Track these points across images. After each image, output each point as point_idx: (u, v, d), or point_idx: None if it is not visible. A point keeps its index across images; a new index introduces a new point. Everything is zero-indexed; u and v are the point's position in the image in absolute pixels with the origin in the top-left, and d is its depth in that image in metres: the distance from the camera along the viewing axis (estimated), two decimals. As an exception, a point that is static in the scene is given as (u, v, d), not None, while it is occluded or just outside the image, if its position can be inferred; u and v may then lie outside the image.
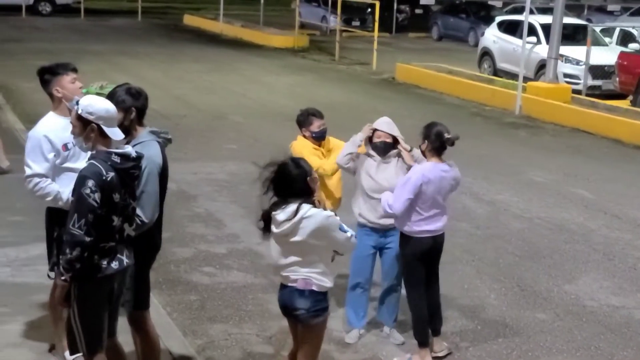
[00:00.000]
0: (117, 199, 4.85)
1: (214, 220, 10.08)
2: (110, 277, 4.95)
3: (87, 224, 4.71)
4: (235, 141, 14.17)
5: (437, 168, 6.49)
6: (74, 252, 4.72)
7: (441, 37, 34.51)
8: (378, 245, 6.94)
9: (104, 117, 4.86)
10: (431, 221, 6.53)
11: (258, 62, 25.00)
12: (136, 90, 5.47)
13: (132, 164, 4.94)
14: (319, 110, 7.28)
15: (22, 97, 17.04)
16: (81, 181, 4.75)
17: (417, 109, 18.28)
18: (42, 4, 37.16)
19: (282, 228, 5.26)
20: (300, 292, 5.31)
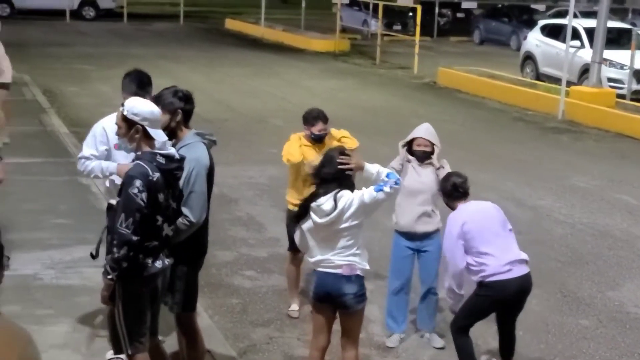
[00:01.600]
0: (161, 199, 4.91)
1: (255, 223, 10.12)
2: (154, 276, 5.01)
3: (134, 224, 4.78)
4: (276, 145, 14.08)
5: (466, 206, 6.24)
6: (121, 251, 4.79)
7: (483, 41, 34.32)
8: (415, 248, 6.94)
9: (149, 118, 4.93)
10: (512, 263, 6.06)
11: (299, 66, 25.06)
12: (183, 92, 5.54)
13: (175, 165, 5.00)
14: (325, 115, 7.27)
15: (66, 101, 17.26)
16: (129, 181, 4.82)
17: (459, 114, 18.21)
18: (86, 9, 37.60)
19: (327, 218, 5.39)
20: (347, 278, 5.45)
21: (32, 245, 8.44)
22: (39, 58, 23.79)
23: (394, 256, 6.85)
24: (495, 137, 15.84)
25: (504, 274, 6.02)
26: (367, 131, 15.36)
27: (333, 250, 5.51)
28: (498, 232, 6.14)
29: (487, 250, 6.03)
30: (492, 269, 6.01)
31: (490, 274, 6.01)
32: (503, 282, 6.02)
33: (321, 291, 5.56)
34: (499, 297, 6.09)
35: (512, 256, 6.10)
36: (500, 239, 6.12)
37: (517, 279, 6.07)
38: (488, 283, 6.03)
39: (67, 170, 11.50)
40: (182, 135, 5.47)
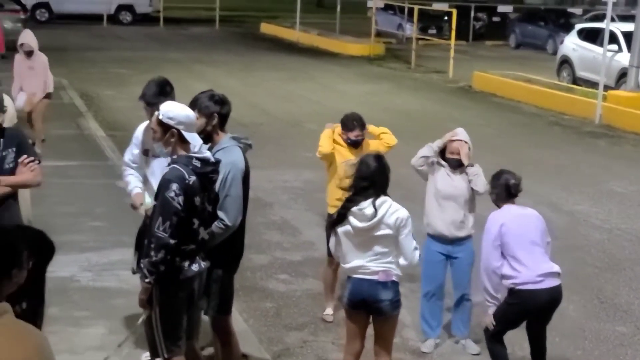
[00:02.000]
0: (197, 203, 4.94)
1: (289, 227, 10.14)
2: (191, 280, 5.03)
3: (171, 227, 4.81)
4: (311, 149, 14.05)
5: (510, 209, 6.16)
6: (159, 255, 4.82)
7: (519, 45, 34.10)
8: (447, 253, 6.91)
9: (184, 122, 4.96)
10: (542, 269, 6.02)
11: (334, 70, 25.07)
12: (219, 97, 5.57)
13: (211, 168, 5.03)
14: (363, 122, 7.25)
15: (103, 105, 17.41)
16: (165, 185, 4.85)
17: (494, 118, 18.11)
18: (122, 13, 37.91)
19: (368, 223, 5.40)
20: (383, 284, 5.46)
21: (70, 248, 8.51)
22: (76, 62, 24.02)
23: (425, 261, 6.83)
24: (531, 142, 15.73)
25: (535, 284, 5.98)
26: (402, 135, 15.27)
27: (369, 257, 5.51)
28: (535, 242, 6.08)
29: (521, 257, 5.99)
30: (524, 277, 5.96)
31: (521, 282, 5.97)
32: (533, 292, 5.98)
33: (357, 298, 5.55)
34: (528, 307, 6.05)
35: (546, 268, 6.05)
36: (537, 249, 6.07)
37: (548, 290, 6.02)
38: (518, 291, 6.00)
39: (103, 173, 11.61)
40: (218, 139, 5.49)
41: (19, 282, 3.12)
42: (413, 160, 6.95)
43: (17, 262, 3.09)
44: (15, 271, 3.09)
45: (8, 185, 5.79)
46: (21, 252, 3.11)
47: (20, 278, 3.12)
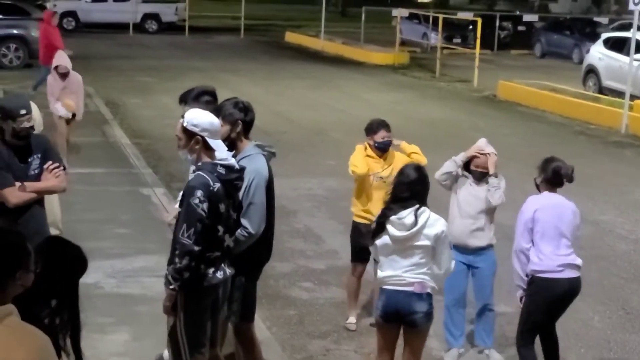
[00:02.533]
0: (222, 210, 4.94)
1: (313, 235, 10.14)
2: (216, 287, 5.04)
3: (195, 234, 4.82)
4: (335, 157, 14.19)
5: (549, 196, 6.22)
6: (183, 261, 4.83)
7: (544, 54, 33.96)
8: (468, 263, 6.88)
9: (209, 129, 4.97)
10: (563, 260, 6.09)
11: (358, 79, 25.08)
12: (244, 104, 5.58)
13: (236, 176, 5.04)
14: (387, 123, 7.30)
15: (128, 113, 17.51)
16: (190, 192, 4.86)
17: (519, 127, 18.03)
18: (148, 22, 38.18)
19: (407, 232, 5.40)
20: (418, 296, 5.43)
21: (94, 255, 8.47)
22: (102, 70, 24.18)
23: None
24: (556, 151, 15.53)
25: (555, 274, 6.08)
26: (426, 144, 15.24)
27: (405, 267, 5.50)
28: (564, 233, 6.15)
29: (546, 246, 6.08)
30: (545, 265, 6.06)
31: (541, 270, 6.07)
32: (552, 281, 6.07)
33: (391, 309, 5.52)
34: (547, 296, 6.11)
35: (568, 259, 6.13)
36: (564, 240, 6.15)
37: (567, 280, 6.12)
38: (537, 279, 6.08)
39: (128, 180, 11.67)
40: (242, 146, 5.50)
41: (25, 285, 3.16)
42: (437, 175, 6.92)
43: (22, 264, 3.12)
44: (20, 273, 3.12)
45: (33, 191, 5.84)
46: (26, 254, 3.14)
47: (26, 281, 3.15)
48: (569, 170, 6.26)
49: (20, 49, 23.57)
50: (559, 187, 6.28)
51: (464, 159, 6.84)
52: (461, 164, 6.84)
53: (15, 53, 23.57)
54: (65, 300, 3.51)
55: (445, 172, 6.88)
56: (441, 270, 5.58)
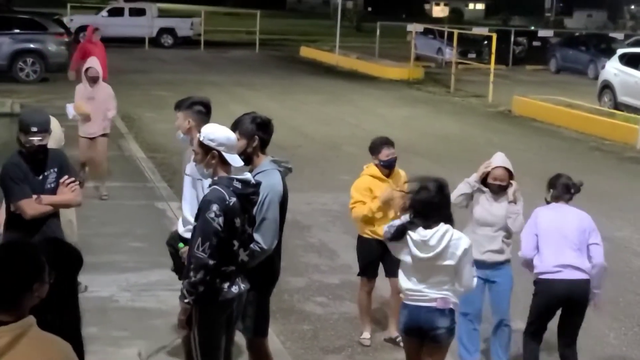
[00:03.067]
0: (238, 224, 4.95)
1: (327, 250, 10.14)
2: (230, 301, 5.04)
3: (211, 247, 4.82)
4: (349, 172, 14.15)
5: (557, 206, 6.49)
6: (197, 275, 4.83)
7: (559, 69, 33.92)
8: (485, 277, 6.86)
9: (225, 144, 4.99)
10: (564, 261, 6.32)
11: (373, 94, 25.11)
12: (261, 119, 5.60)
13: (252, 190, 5.05)
14: (390, 140, 7.33)
15: (144, 127, 17.59)
16: (206, 206, 4.87)
17: (534, 142, 18.00)
18: (164, 37, 38.40)
19: (432, 253, 5.40)
20: (441, 311, 5.44)
21: (109, 268, 8.59)
22: (118, 84, 24.12)
23: None
24: (571, 167, 15.56)
25: (552, 274, 6.29)
26: (441, 159, 15.30)
27: (427, 284, 5.49)
28: (566, 236, 6.35)
29: (546, 248, 6.33)
30: (543, 267, 6.32)
31: (540, 272, 6.34)
32: (550, 282, 6.30)
33: (413, 325, 5.53)
34: (546, 297, 6.37)
35: (567, 260, 6.30)
36: (565, 243, 6.34)
37: (566, 281, 6.28)
38: (538, 281, 6.39)
39: (144, 194, 11.71)
40: (258, 161, 5.51)
41: (41, 296, 3.19)
42: (452, 198, 6.90)
43: (39, 276, 3.15)
44: (36, 285, 3.15)
45: (48, 204, 5.92)
46: (43, 266, 3.17)
47: (42, 292, 3.18)
48: (578, 183, 6.52)
49: (37, 63, 23.74)
50: (570, 198, 6.48)
51: (477, 179, 6.82)
52: (474, 184, 6.82)
53: (32, 67, 23.74)
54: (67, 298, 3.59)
55: (460, 194, 6.83)
56: (462, 288, 5.58)
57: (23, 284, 3.11)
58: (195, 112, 6.09)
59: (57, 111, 12.11)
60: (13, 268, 3.11)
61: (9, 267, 3.11)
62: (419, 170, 7.77)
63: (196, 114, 6.07)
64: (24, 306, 3.12)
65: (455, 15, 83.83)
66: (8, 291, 3.09)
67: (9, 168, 5.93)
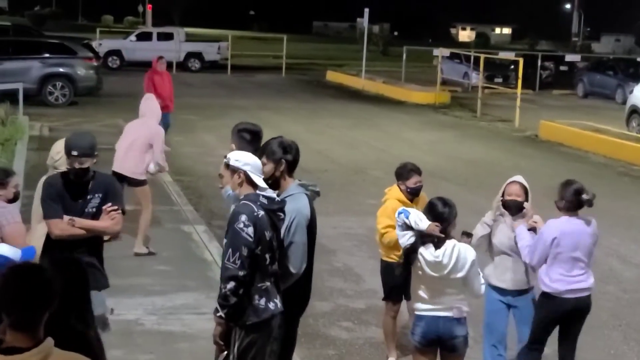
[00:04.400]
0: (268, 237, 4.98)
1: (352, 275, 10.11)
2: (269, 320, 5.03)
3: (240, 258, 4.83)
4: (376, 196, 14.09)
5: (570, 222, 6.41)
6: (228, 286, 4.83)
7: (587, 94, 33.78)
8: (507, 303, 6.81)
9: (250, 164, 5.10)
10: (573, 281, 6.40)
11: (399, 118, 25.10)
12: (288, 143, 5.62)
13: (277, 207, 5.10)
14: (418, 167, 7.32)
15: (171, 150, 17.66)
16: (234, 217, 4.92)
17: (561, 167, 17.89)
18: (191, 61, 38.70)
19: (445, 271, 5.57)
20: (458, 320, 5.63)
21: (135, 291, 8.61)
22: (145, 108, 24.45)
23: (486, 310, 6.83)
24: (599, 192, 15.37)
25: (563, 294, 6.35)
26: (467, 184, 15.24)
27: (442, 296, 5.65)
28: (579, 258, 6.41)
29: (558, 268, 6.35)
30: (553, 288, 6.36)
31: (551, 291, 6.38)
32: (558, 300, 6.36)
33: (431, 335, 5.67)
34: (557, 311, 6.40)
35: (578, 280, 6.40)
36: (578, 264, 6.41)
37: (573, 299, 6.38)
38: (549, 294, 6.39)
39: (170, 217, 11.75)
40: (285, 185, 5.52)
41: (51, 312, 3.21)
42: (473, 242, 6.89)
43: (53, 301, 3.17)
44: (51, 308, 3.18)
45: (82, 227, 5.79)
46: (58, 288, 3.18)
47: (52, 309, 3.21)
48: (590, 194, 6.45)
49: (66, 87, 23.97)
50: (579, 209, 6.46)
51: (492, 217, 6.76)
52: (491, 223, 6.75)
53: (61, 91, 23.97)
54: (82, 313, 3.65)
55: (479, 237, 6.75)
56: (472, 295, 5.79)
57: (41, 308, 3.11)
58: (238, 137, 6.09)
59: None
60: (32, 292, 3.10)
61: (27, 291, 3.10)
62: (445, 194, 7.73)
63: (239, 139, 6.06)
64: (41, 329, 3.13)
65: (481, 39, 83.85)
66: (26, 315, 3.09)
67: (45, 186, 5.97)
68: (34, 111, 21.22)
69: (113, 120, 21.27)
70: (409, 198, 7.16)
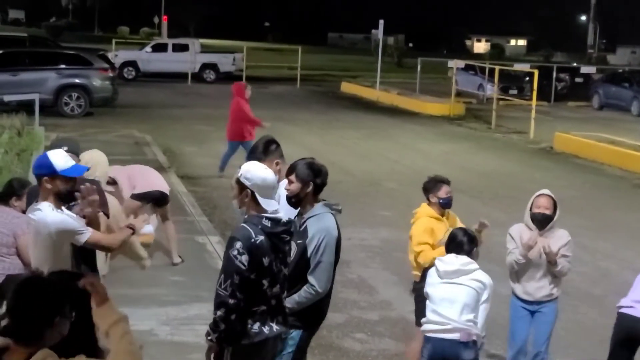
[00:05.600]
0: (266, 263, 4.86)
1: (366, 286, 10.09)
2: (262, 343, 4.94)
3: (232, 286, 4.76)
4: (390, 208, 14.19)
5: None
6: (218, 312, 4.81)
7: (602, 106, 33.67)
8: (531, 309, 6.81)
9: (259, 185, 4.92)
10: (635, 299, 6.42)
11: (413, 130, 25.08)
12: (318, 166, 5.60)
13: (282, 229, 4.96)
14: (447, 178, 7.20)
15: (185, 161, 17.72)
16: (230, 243, 4.86)
17: (576, 180, 17.83)
18: (206, 72, 38.83)
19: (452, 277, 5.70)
20: (465, 344, 5.56)
21: (149, 301, 8.62)
22: (160, 119, 24.58)
23: (511, 317, 6.88)
24: (615, 205, 15.41)
25: (628, 309, 6.37)
26: (482, 196, 15.19)
27: (449, 312, 5.64)
28: None
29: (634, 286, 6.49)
30: (624, 301, 6.45)
31: (621, 305, 6.46)
32: (623, 315, 6.39)
33: (438, 357, 5.67)
34: (622, 330, 6.39)
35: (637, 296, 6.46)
36: None
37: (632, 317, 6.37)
38: (618, 314, 6.47)
39: (184, 228, 11.75)
40: (309, 206, 5.51)
41: (62, 333, 3.18)
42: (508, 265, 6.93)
43: (60, 311, 3.15)
44: (57, 319, 3.16)
45: None
46: (64, 301, 3.16)
47: (64, 329, 3.18)
48: None
49: (81, 97, 24.07)
50: None
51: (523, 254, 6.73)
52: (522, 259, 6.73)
53: (77, 102, 24.08)
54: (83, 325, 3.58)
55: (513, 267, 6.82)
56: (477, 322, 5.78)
57: (45, 319, 3.11)
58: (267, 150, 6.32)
59: (101, 145, 12.27)
60: (35, 302, 3.10)
61: (31, 300, 3.10)
62: (460, 206, 7.72)
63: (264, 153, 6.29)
64: (45, 341, 3.11)
65: (496, 51, 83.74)
66: (29, 325, 3.08)
67: None
68: (50, 122, 21.32)
69: (128, 130, 21.38)
70: (440, 212, 6.99)
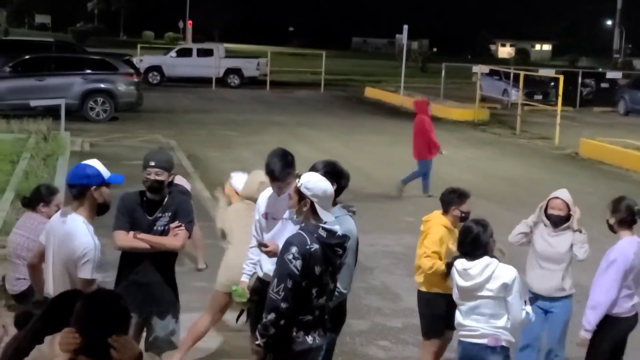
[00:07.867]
0: (317, 272, 4.89)
1: (390, 293, 10.07)
2: (305, 352, 4.95)
3: (285, 290, 4.80)
4: (413, 214, 14.12)
5: (634, 241, 6.36)
6: (269, 317, 4.82)
7: (628, 111, 33.43)
8: (544, 308, 6.82)
9: (319, 196, 4.98)
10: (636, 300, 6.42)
11: (437, 135, 24.92)
12: (339, 169, 5.65)
13: (337, 241, 4.99)
14: (469, 191, 7.11)
15: (209, 166, 17.78)
16: (285, 247, 4.89)
17: (602, 185, 17.71)
18: (231, 77, 38.94)
19: (472, 282, 5.59)
20: (492, 349, 5.54)
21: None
22: (185, 124, 24.68)
23: None
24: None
25: (627, 312, 6.31)
26: (506, 202, 15.13)
27: (475, 316, 5.63)
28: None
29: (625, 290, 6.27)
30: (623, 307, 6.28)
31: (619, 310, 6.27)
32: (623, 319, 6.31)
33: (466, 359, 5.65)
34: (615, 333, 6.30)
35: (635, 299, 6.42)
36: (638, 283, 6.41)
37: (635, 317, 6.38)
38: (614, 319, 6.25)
39: (208, 233, 11.77)
40: (329, 209, 5.53)
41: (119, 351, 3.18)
42: (510, 237, 6.96)
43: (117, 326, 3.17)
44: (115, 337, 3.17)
45: (144, 240, 6.02)
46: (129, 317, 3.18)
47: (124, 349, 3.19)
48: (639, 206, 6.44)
49: (107, 102, 24.23)
50: (634, 224, 6.40)
51: (534, 219, 6.83)
52: (532, 224, 6.83)
53: (102, 107, 24.24)
54: None
55: (518, 233, 6.88)
56: (510, 320, 5.65)
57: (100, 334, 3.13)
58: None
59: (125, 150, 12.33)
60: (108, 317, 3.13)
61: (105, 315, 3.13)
62: (483, 212, 7.69)
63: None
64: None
65: (521, 56, 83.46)
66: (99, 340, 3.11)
67: (119, 201, 6.14)
68: (75, 126, 21.47)
69: (153, 135, 21.48)
70: (454, 224, 6.91)
